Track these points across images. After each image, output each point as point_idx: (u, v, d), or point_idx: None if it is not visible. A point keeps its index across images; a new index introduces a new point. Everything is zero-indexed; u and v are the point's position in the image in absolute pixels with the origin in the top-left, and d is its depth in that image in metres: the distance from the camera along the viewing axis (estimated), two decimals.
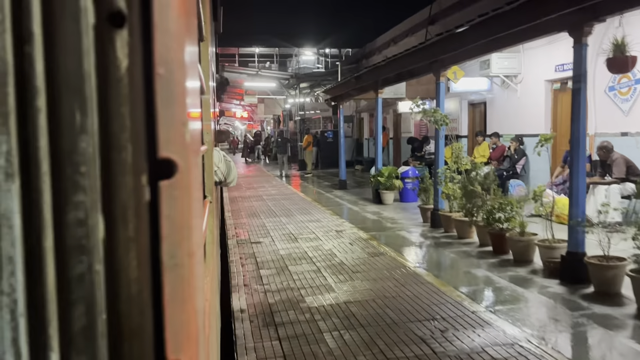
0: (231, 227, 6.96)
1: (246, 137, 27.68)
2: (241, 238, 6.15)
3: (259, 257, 5.15)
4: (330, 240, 5.85)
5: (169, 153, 0.38)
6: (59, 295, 0.35)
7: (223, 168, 1.87)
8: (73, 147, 0.35)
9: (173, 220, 0.38)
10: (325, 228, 6.63)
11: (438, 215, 6.22)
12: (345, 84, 10.53)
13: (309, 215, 7.77)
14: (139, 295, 0.37)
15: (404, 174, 8.65)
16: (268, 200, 9.61)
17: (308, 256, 5.13)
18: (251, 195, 10.64)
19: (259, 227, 6.89)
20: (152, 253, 0.38)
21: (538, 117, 8.04)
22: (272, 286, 4.14)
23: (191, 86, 0.43)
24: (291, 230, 6.55)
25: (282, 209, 8.43)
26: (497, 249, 4.91)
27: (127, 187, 0.36)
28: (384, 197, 8.55)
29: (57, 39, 0.35)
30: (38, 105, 0.34)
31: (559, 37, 6.99)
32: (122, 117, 0.36)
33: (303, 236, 6.13)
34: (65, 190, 0.35)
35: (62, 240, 0.35)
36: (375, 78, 8.64)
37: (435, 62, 6.25)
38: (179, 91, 0.38)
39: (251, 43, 18.36)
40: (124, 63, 0.36)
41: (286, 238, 6.06)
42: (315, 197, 10.24)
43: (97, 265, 0.36)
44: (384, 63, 7.75)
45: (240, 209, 8.67)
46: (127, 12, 0.36)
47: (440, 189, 6.21)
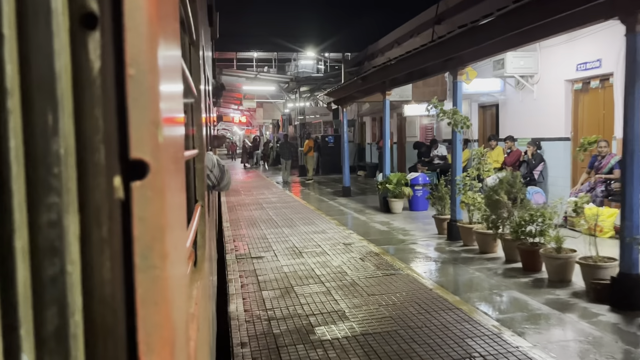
0: (230, 240, 6.44)
1: (244, 143, 27.23)
2: (241, 252, 5.68)
3: (261, 276, 4.68)
4: (339, 255, 5.35)
5: (140, 154, 0.38)
6: (31, 296, 0.35)
7: (217, 172, 1.87)
8: (45, 149, 0.35)
9: (145, 222, 0.38)
10: (332, 240, 6.13)
11: (456, 227, 5.72)
12: (349, 86, 10.01)
13: (313, 225, 7.28)
14: (112, 297, 0.37)
15: (413, 180, 8.17)
16: (269, 209, 9.13)
17: (315, 274, 4.63)
18: (250, 202, 10.16)
19: (260, 239, 6.41)
20: (126, 254, 0.38)
21: (557, 120, 7.53)
22: (277, 312, 3.65)
23: (167, 88, 0.43)
24: (295, 243, 6.05)
25: (284, 219, 7.95)
26: (528, 266, 4.42)
27: (100, 188, 0.37)
28: (392, 205, 8.07)
29: (28, 40, 0.35)
30: (9, 106, 0.34)
31: (580, 34, 6.58)
32: (95, 119, 0.36)
33: (308, 250, 5.63)
34: (38, 192, 0.35)
35: (34, 241, 0.35)
36: (382, 78, 8.12)
37: (450, 60, 5.74)
38: (151, 93, 0.38)
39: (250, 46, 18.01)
40: (96, 64, 0.36)
41: (290, 252, 5.56)
42: (318, 205, 9.75)
43: (70, 266, 0.36)
44: (393, 62, 7.15)
45: (239, 218, 8.19)
46: (99, 13, 0.36)
47: (458, 198, 5.71)
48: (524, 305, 3.65)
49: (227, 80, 18.08)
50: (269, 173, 19.16)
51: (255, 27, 13.18)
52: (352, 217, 8.14)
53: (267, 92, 20.60)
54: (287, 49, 17.48)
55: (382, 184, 8.16)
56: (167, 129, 0.41)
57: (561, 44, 6.99)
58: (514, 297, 3.85)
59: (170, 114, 0.45)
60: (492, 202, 4.83)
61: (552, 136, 7.71)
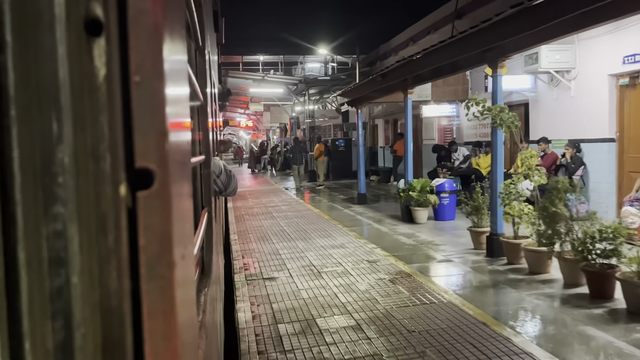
0: (238, 256, 5.75)
1: (251, 147, 26.78)
2: (251, 272, 5.00)
3: (276, 303, 3.98)
4: (364, 275, 4.65)
5: (146, 163, 0.37)
6: (36, 308, 0.35)
7: (223, 178, 1.88)
8: (50, 158, 0.35)
9: (152, 231, 0.37)
10: (354, 257, 5.43)
11: (498, 242, 4.97)
12: (366, 85, 9.15)
13: (330, 238, 6.58)
14: (118, 308, 0.36)
15: (439, 187, 7.42)
16: (279, 218, 8.47)
17: (340, 302, 3.90)
18: (259, 212, 9.49)
19: (272, 255, 5.73)
20: (132, 264, 0.37)
21: (599, 119, 6.75)
22: (298, 355, 2.97)
23: (174, 95, 0.42)
24: (312, 260, 5.37)
25: (296, 230, 7.31)
26: (597, 293, 3.63)
27: (105, 197, 0.36)
28: (416, 215, 7.35)
29: (31, 48, 0.34)
30: (13, 115, 0.34)
31: (626, 23, 5.87)
32: (100, 127, 0.35)
33: (328, 269, 4.95)
34: (42, 202, 0.35)
35: (39, 252, 0.35)
36: (404, 75, 7.31)
37: (490, 51, 4.98)
38: (158, 100, 0.38)
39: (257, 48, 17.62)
40: (102, 71, 0.35)
41: (307, 272, 4.89)
42: (332, 213, 9.02)
43: (76, 277, 0.35)
44: (419, 56, 6.30)
45: (247, 229, 7.55)
46: (104, 20, 0.35)
47: (500, 209, 4.94)
48: (607, 347, 2.88)
49: (233, 83, 17.73)
50: (277, 179, 18.47)
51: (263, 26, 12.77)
52: (372, 228, 7.40)
53: (275, 95, 20.06)
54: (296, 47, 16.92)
55: (404, 192, 7.41)
56: (173, 136, 0.41)
57: (603, 35, 6.28)
58: (592, 337, 3.04)
59: (177, 121, 0.44)
60: (547, 215, 4.03)
61: (593, 137, 6.95)
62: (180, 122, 0.47)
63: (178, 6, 0.50)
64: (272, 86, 18.49)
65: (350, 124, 17.35)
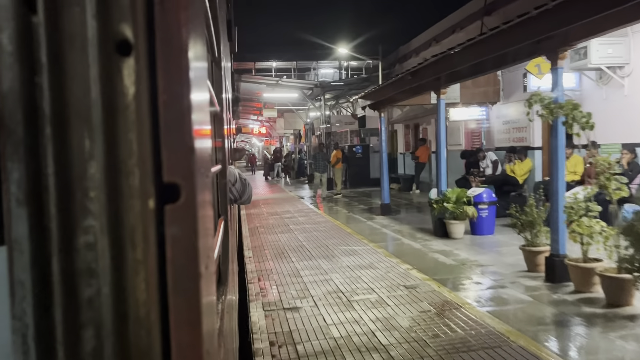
0: (253, 279, 5.40)
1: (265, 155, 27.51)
2: (269, 300, 4.63)
3: (300, 344, 3.59)
4: (404, 306, 4.21)
5: (174, 177, 0.42)
6: (68, 318, 0.40)
7: (239, 186, 2.04)
8: (82, 173, 0.40)
9: (179, 243, 0.42)
10: (387, 281, 5.04)
11: (561, 265, 4.62)
12: (393, 85, 8.87)
13: (357, 256, 6.25)
14: (146, 318, 0.41)
15: (476, 198, 7.26)
16: (297, 231, 8.34)
17: (380, 344, 3.47)
18: (275, 223, 9.39)
19: (292, 276, 5.42)
20: (160, 276, 0.41)
21: None
22: None
23: (198, 110, 0.47)
24: (339, 285, 5.00)
25: (317, 245, 7.06)
26: None
27: (134, 210, 0.40)
28: (451, 228, 7.13)
29: (65, 68, 0.39)
30: (48, 133, 0.39)
31: None
32: (130, 143, 0.40)
33: (359, 297, 4.55)
34: (75, 215, 0.40)
35: (72, 264, 0.40)
36: (439, 73, 7.05)
37: (548, 39, 4.68)
38: (184, 117, 0.42)
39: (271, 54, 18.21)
40: (131, 90, 0.40)
41: (335, 300, 4.51)
42: (355, 226, 8.75)
43: (106, 288, 0.40)
44: (458, 49, 6.03)
45: (263, 244, 7.32)
46: (133, 40, 0.40)
47: (564, 226, 4.66)
48: None
49: (246, 88, 17.86)
50: (291, 187, 18.73)
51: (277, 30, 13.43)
52: (403, 244, 7.08)
53: (289, 100, 20.24)
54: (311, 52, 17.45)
55: (437, 203, 7.23)
56: (198, 150, 0.45)
57: None
58: None
59: (201, 136, 0.48)
60: (634, 235, 3.69)
61: None
62: (204, 136, 0.52)
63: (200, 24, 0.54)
64: (287, 91, 18.89)
65: (368, 130, 17.55)
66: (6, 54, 0.39)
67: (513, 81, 9.77)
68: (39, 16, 0.39)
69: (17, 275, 0.40)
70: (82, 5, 0.39)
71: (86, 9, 0.39)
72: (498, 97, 10.38)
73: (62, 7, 0.39)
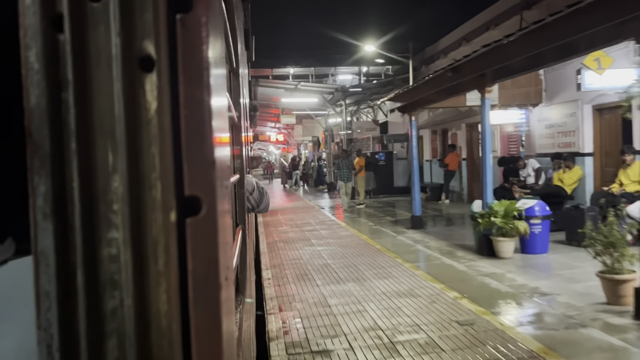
0: (274, 308, 4.73)
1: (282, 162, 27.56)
2: (293, 339, 3.90)
3: None
4: (462, 351, 3.44)
5: (195, 191, 0.44)
6: (92, 328, 0.42)
7: (256, 195, 2.10)
8: (106, 187, 0.42)
9: (200, 256, 0.44)
10: (435, 314, 4.24)
11: None
12: (428, 84, 7.91)
13: (392, 279, 5.44)
14: (168, 328, 0.43)
15: (528, 211, 6.39)
16: (320, 247, 7.63)
17: None
18: (295, 237, 8.66)
19: (319, 305, 4.67)
20: (181, 287, 0.43)
21: None
22: None
23: (219, 124, 0.49)
24: (375, 318, 4.21)
25: (344, 265, 6.25)
26: None
27: (156, 223, 0.43)
28: (499, 247, 6.29)
29: (91, 85, 0.42)
30: (73, 147, 0.41)
31: None
32: (152, 157, 0.42)
33: (403, 337, 3.75)
34: (99, 228, 0.42)
35: (96, 275, 0.42)
36: (484, 68, 6.20)
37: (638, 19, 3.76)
38: (205, 131, 0.44)
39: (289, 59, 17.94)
40: (154, 105, 0.42)
41: (373, 340, 3.73)
42: (385, 241, 7.90)
43: (129, 299, 0.42)
44: (512, 38, 5.17)
45: (283, 262, 6.63)
46: (155, 56, 0.42)
47: None
48: None
49: (263, 93, 17.60)
50: (310, 196, 18.10)
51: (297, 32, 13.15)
52: (444, 265, 6.10)
53: (308, 105, 19.78)
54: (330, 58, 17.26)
55: (482, 217, 6.41)
56: (218, 163, 0.47)
57: None
58: None
59: (222, 149, 0.50)
60: None
61: None
62: (224, 149, 0.54)
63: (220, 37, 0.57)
64: (306, 95, 18.31)
65: (391, 136, 17.02)
66: (33, 72, 0.41)
67: (558, 80, 9.05)
68: (65, 34, 0.41)
69: (42, 287, 0.41)
70: (107, 24, 0.41)
71: (111, 27, 0.41)
72: (540, 99, 9.67)
73: (87, 25, 0.41)
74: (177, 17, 0.43)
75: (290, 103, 19.65)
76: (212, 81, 0.46)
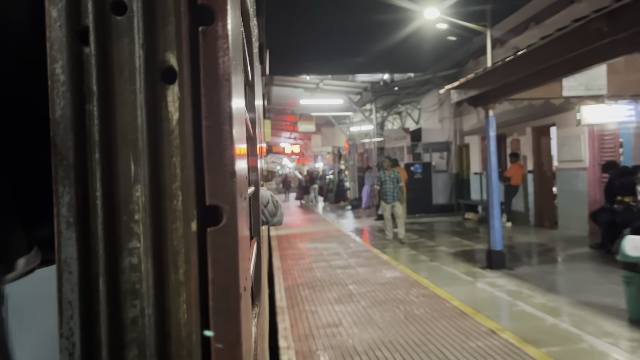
0: None
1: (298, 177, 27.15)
2: None
3: None
4: None
5: (216, 201, 0.47)
6: (113, 337, 0.45)
7: (271, 207, 2.22)
8: (128, 197, 0.45)
9: (220, 265, 0.47)
10: None
11: None
12: (524, 58, 5.44)
13: None
14: (188, 338, 0.46)
15: None
16: (364, 299, 5.29)
17: None
18: (324, 278, 6.46)
19: None
20: (202, 297, 0.46)
21: None
22: None
23: (238, 135, 0.52)
24: None
25: (420, 349, 3.80)
26: None
27: (177, 233, 0.46)
28: None
29: (114, 96, 0.45)
30: (97, 158, 0.45)
31: None
32: (174, 167, 0.46)
33: None
34: (121, 237, 0.45)
35: (117, 285, 0.45)
36: None
37: None
38: (226, 142, 0.47)
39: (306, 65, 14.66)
40: (175, 116, 0.46)
41: None
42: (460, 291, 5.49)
43: (150, 308, 0.45)
44: None
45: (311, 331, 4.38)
46: (177, 68, 0.46)
47: None
48: None
49: (279, 95, 16.18)
50: (331, 214, 16.20)
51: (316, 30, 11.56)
52: (591, 353, 3.55)
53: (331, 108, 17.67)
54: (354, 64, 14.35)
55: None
56: (238, 174, 0.50)
57: None
58: None
59: (241, 161, 0.54)
60: None
61: None
62: (243, 160, 0.57)
63: (239, 50, 0.60)
64: (329, 96, 16.27)
65: (429, 145, 14.91)
66: (59, 83, 0.45)
67: None
68: (90, 47, 0.44)
69: (65, 295, 0.44)
70: (131, 37, 0.44)
71: (134, 40, 0.44)
72: None
73: (112, 38, 0.44)
74: (200, 30, 0.46)
75: (309, 106, 17.63)
76: (232, 92, 0.49)
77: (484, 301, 5.17)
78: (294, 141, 30.76)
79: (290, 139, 30.29)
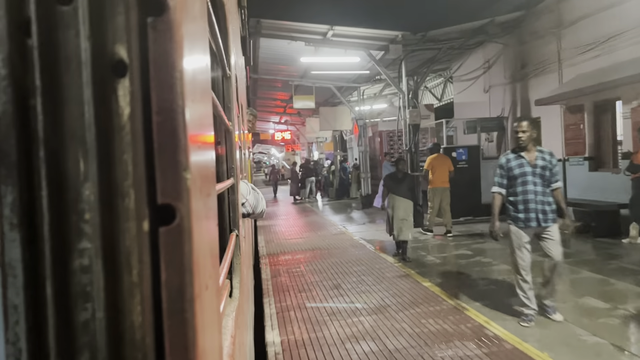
0: None
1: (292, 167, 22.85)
2: None
3: None
4: None
5: (168, 199, 0.49)
6: (63, 342, 0.47)
7: (252, 200, 2.35)
8: (77, 195, 0.47)
9: (174, 266, 0.49)
10: None
11: None
12: None
13: None
14: (142, 341, 0.48)
15: None
16: None
17: None
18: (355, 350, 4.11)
19: None
20: (155, 298, 0.48)
21: None
22: None
23: (196, 130, 0.54)
24: None
25: None
26: None
27: (129, 233, 0.48)
28: None
29: (60, 91, 0.47)
30: (42, 156, 0.47)
31: None
32: (125, 164, 0.48)
33: None
34: (70, 238, 0.47)
35: (66, 287, 0.47)
36: None
37: None
38: (179, 138, 0.49)
39: None
40: (126, 111, 0.48)
41: None
42: None
43: (101, 311, 0.47)
44: None
45: None
46: (128, 61, 0.47)
47: None
48: None
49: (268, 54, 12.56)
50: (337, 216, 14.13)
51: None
52: None
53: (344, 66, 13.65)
54: None
55: None
56: (195, 171, 0.52)
57: None
58: None
59: (200, 156, 0.56)
60: None
61: None
62: (204, 156, 0.57)
63: (200, 41, 0.60)
64: (341, 52, 12.11)
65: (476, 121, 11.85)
66: (0, 78, 0.45)
67: None
68: (33, 39, 0.45)
69: (10, 299, 0.45)
70: (77, 28, 0.45)
71: (80, 32, 0.45)
72: None
73: (57, 29, 0.45)
74: (148, 21, 0.47)
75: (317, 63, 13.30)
76: (188, 85, 0.50)
77: None
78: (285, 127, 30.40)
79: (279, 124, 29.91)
